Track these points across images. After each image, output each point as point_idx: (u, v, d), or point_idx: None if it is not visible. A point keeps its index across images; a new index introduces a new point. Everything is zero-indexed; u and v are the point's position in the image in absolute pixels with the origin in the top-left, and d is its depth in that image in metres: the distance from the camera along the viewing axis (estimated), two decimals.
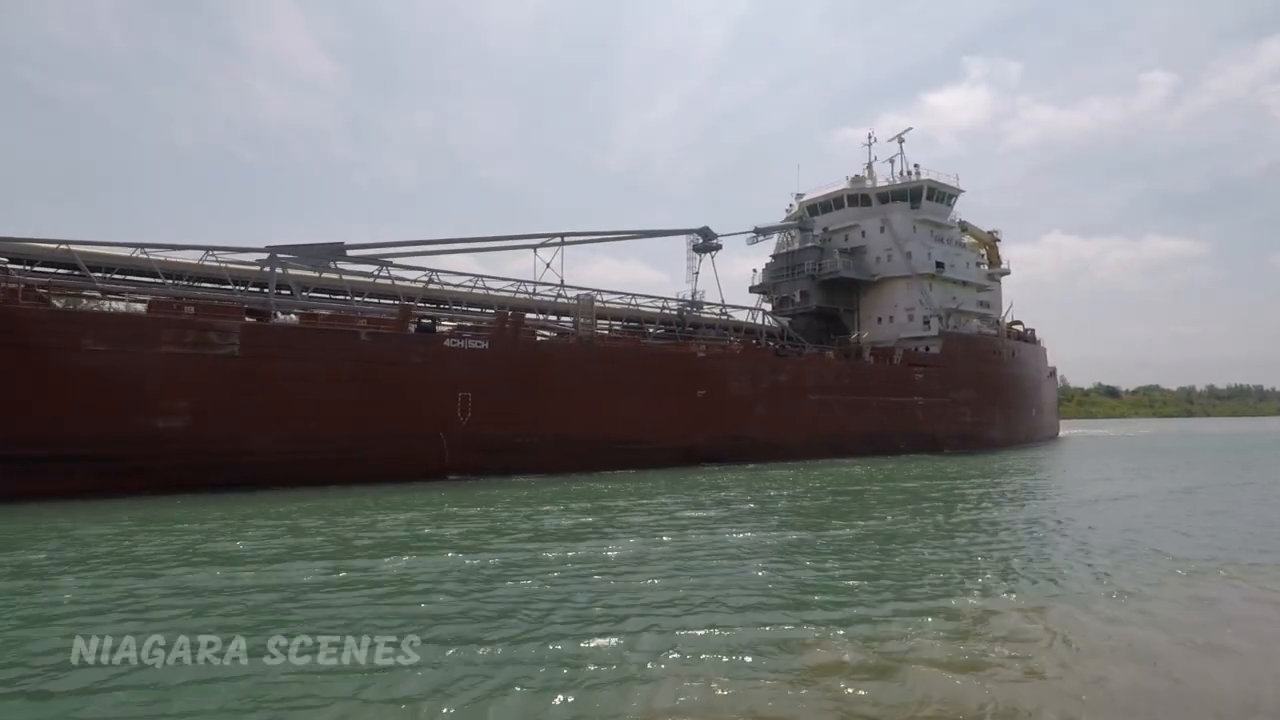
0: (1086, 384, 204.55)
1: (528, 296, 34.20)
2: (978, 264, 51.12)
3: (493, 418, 26.04)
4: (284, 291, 27.90)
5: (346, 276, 30.10)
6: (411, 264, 31.27)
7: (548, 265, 33.98)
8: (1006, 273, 55.09)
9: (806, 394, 36.88)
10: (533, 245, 34.33)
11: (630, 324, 39.19)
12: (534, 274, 34.02)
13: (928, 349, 44.13)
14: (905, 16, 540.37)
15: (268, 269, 27.14)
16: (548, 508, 17.83)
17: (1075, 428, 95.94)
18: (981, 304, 49.77)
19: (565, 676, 6.64)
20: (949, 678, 6.63)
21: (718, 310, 42.78)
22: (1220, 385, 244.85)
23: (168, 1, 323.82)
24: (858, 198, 48.13)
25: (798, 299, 46.81)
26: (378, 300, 31.49)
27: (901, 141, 49.94)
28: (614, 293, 38.52)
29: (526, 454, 26.34)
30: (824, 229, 48.50)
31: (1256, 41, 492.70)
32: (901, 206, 46.86)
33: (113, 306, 25.41)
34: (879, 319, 47.02)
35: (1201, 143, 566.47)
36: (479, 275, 34.27)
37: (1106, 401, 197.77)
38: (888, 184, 48.26)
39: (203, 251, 27.54)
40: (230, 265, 28.06)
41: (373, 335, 24.68)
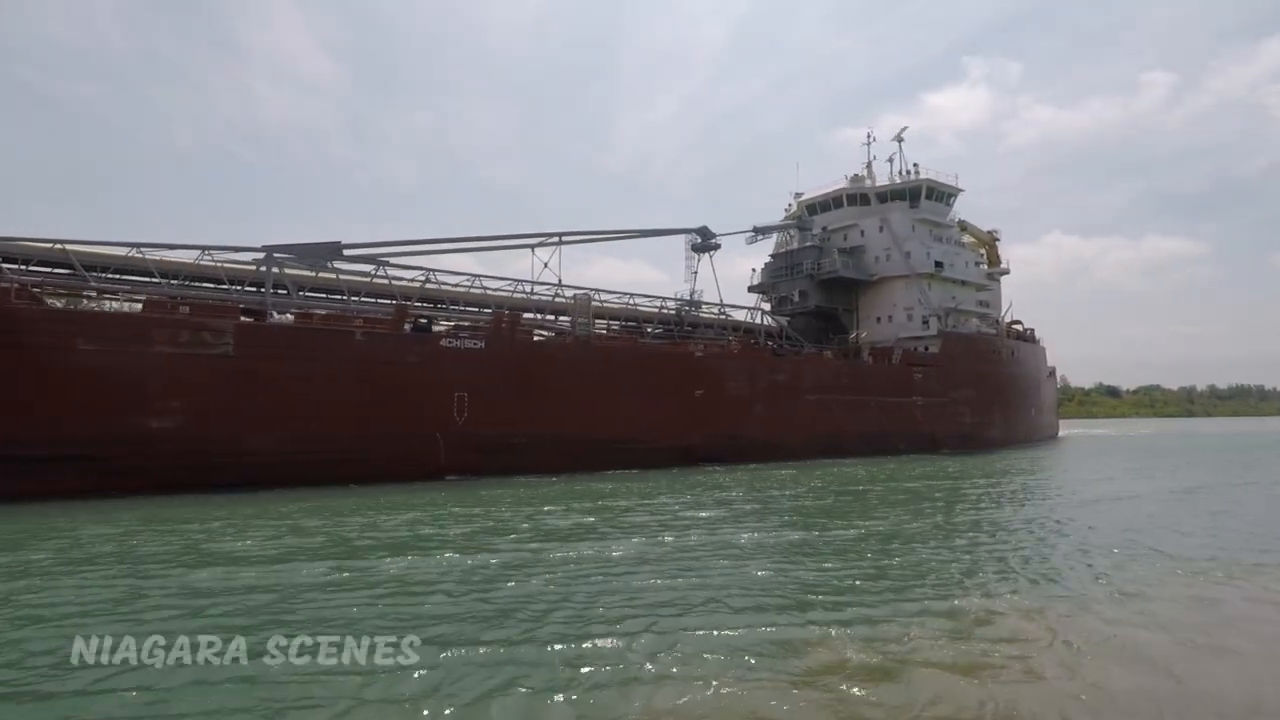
0: (1087, 384, 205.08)
1: (525, 296, 34.06)
2: (977, 263, 51.00)
3: (489, 418, 25.92)
4: (280, 291, 27.77)
5: (343, 276, 29.97)
6: (409, 264, 31.21)
7: (545, 265, 33.91)
8: (1006, 272, 55.05)
9: (804, 394, 36.76)
10: (530, 245, 34.21)
11: (628, 324, 39.06)
12: (533, 274, 34.00)
13: (926, 349, 44.02)
14: (906, 16, 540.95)
15: (264, 268, 27.05)
16: (549, 508, 17.72)
17: (1076, 427, 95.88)
18: (981, 303, 49.66)
19: (566, 677, 6.62)
20: (950, 679, 6.60)
21: (716, 310, 42.67)
22: (1221, 385, 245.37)
23: (168, 1, 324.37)
24: (856, 197, 48.02)
25: (796, 298, 46.72)
26: (375, 300, 31.38)
27: (900, 141, 49.87)
28: (612, 292, 38.41)
29: (523, 454, 26.23)
30: (823, 228, 48.39)
31: (1256, 41, 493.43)
32: (900, 206, 46.75)
33: (119, 307, 25.28)
34: (878, 318, 46.90)
35: (1201, 143, 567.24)
36: (476, 275, 34.15)
37: (1107, 401, 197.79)
38: (887, 183, 48.14)
39: (199, 251, 27.47)
40: (226, 265, 27.97)
41: (368, 335, 24.57)
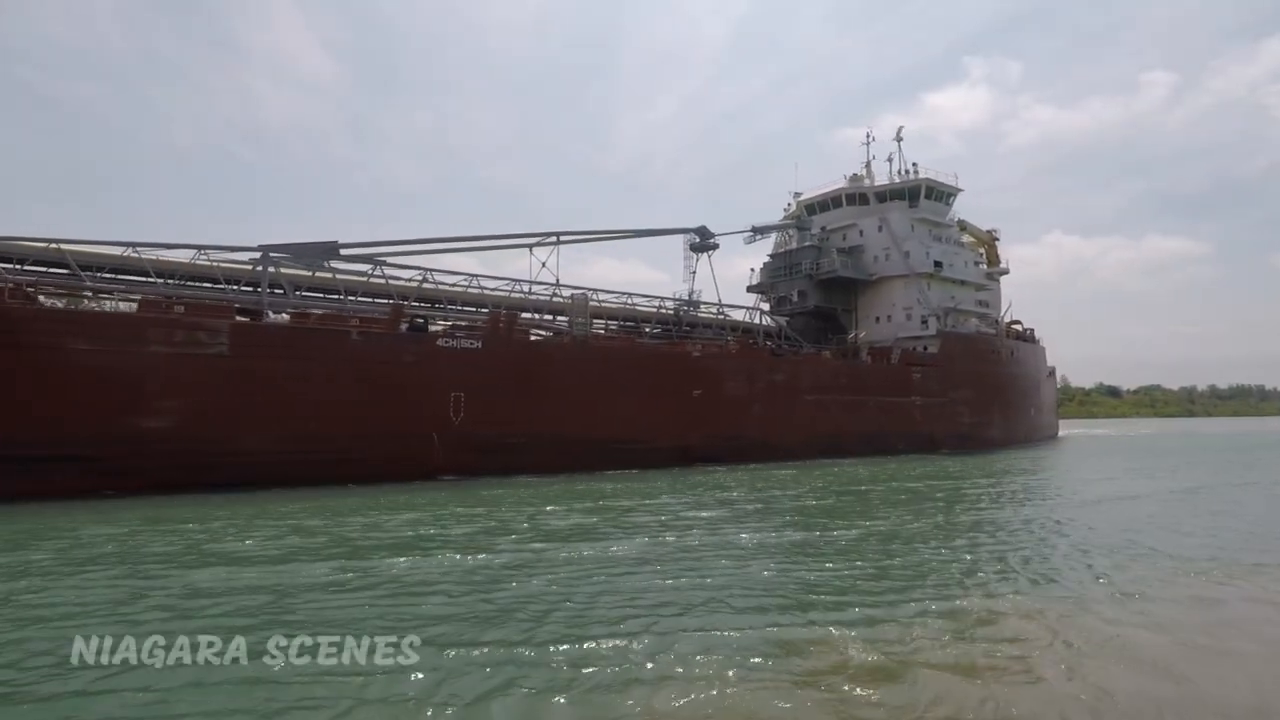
0: (1088, 384, 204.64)
1: (523, 296, 33.97)
2: (976, 263, 50.89)
3: (486, 418, 25.83)
4: (277, 291, 27.69)
5: (340, 276, 29.89)
6: (406, 263, 31.12)
7: (543, 264, 33.82)
8: (1005, 272, 54.91)
9: (803, 394, 36.66)
10: (528, 244, 34.11)
11: (627, 323, 38.96)
12: (531, 274, 33.90)
13: (926, 348, 43.90)
14: (906, 16, 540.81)
15: (260, 268, 26.97)
16: (550, 507, 17.67)
17: (1076, 427, 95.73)
18: (980, 303, 49.54)
19: (566, 677, 6.59)
20: (952, 679, 6.58)
21: (715, 310, 42.58)
22: (1222, 385, 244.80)
23: (168, 1, 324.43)
24: (855, 197, 47.91)
25: (795, 298, 46.63)
26: (372, 300, 31.29)
27: (900, 140, 49.73)
28: (610, 292, 38.32)
29: (520, 454, 26.13)
30: (822, 228, 48.29)
31: (1257, 41, 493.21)
32: (900, 205, 46.62)
33: (117, 306, 25.21)
34: (877, 318, 46.80)
35: (1202, 143, 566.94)
36: (474, 275, 34.01)
37: (1108, 401, 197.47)
38: (886, 183, 47.97)
39: (195, 250, 27.39)
40: (223, 264, 27.86)
41: (364, 335, 24.47)
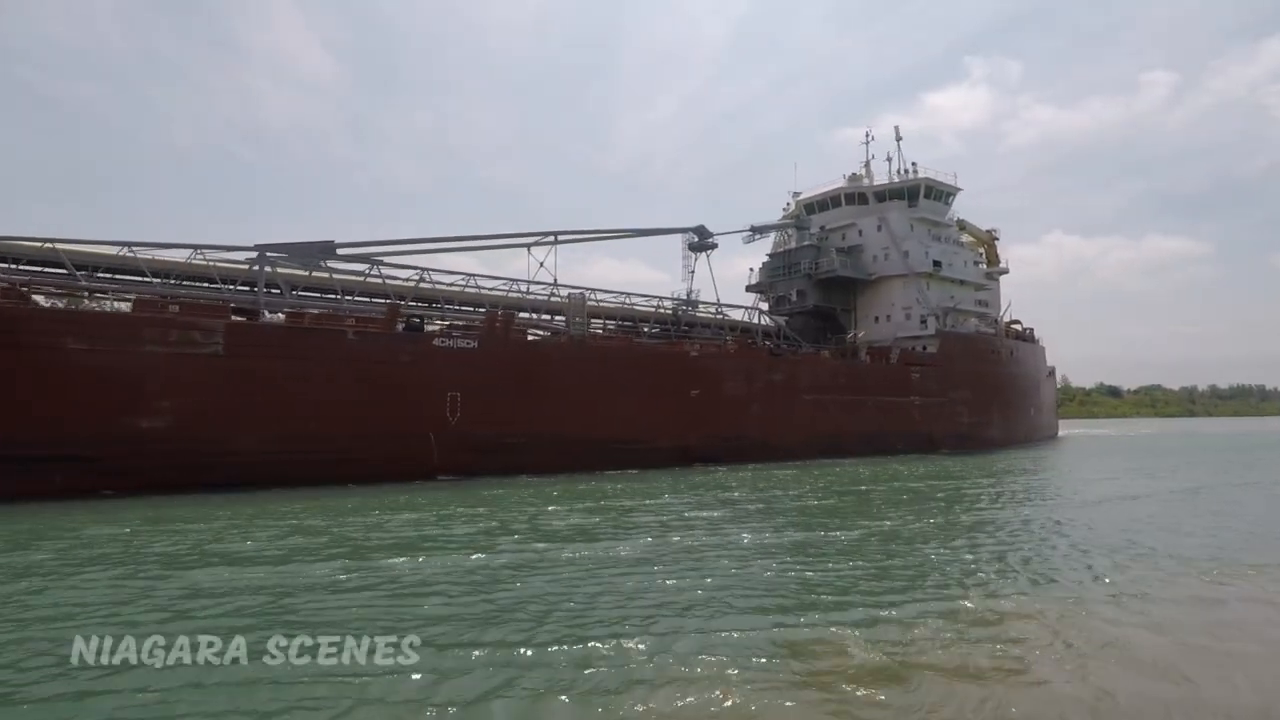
0: (1088, 384, 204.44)
1: (520, 295, 33.91)
2: (976, 263, 50.77)
3: (482, 417, 25.76)
4: (274, 290, 27.65)
5: (337, 275, 29.84)
6: (403, 263, 31.05)
7: (541, 264, 33.76)
8: (1005, 271, 54.81)
9: (802, 394, 36.58)
10: (526, 244, 34.08)
11: (625, 323, 38.90)
12: (529, 274, 33.82)
13: (925, 348, 43.80)
14: (906, 16, 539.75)
15: (256, 267, 26.91)
16: (552, 507, 17.67)
17: (1077, 427, 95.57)
18: (979, 303, 49.45)
19: (567, 677, 6.58)
20: (954, 681, 6.51)
21: (713, 310, 42.50)
22: (1222, 385, 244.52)
23: (168, 1, 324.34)
24: (855, 196, 47.81)
25: (794, 298, 46.55)
26: (369, 299, 31.23)
27: (899, 139, 49.63)
28: (608, 291, 38.26)
29: (517, 454, 26.06)
30: (821, 228, 48.21)
31: (1257, 41, 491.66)
32: (899, 205, 46.51)
33: (115, 306, 25.16)
34: (876, 318, 46.71)
35: (1202, 143, 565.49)
36: (471, 274, 33.95)
37: (1108, 401, 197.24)
38: (885, 182, 47.86)
39: (191, 250, 27.33)
40: (219, 264, 27.81)
41: (360, 334, 24.41)
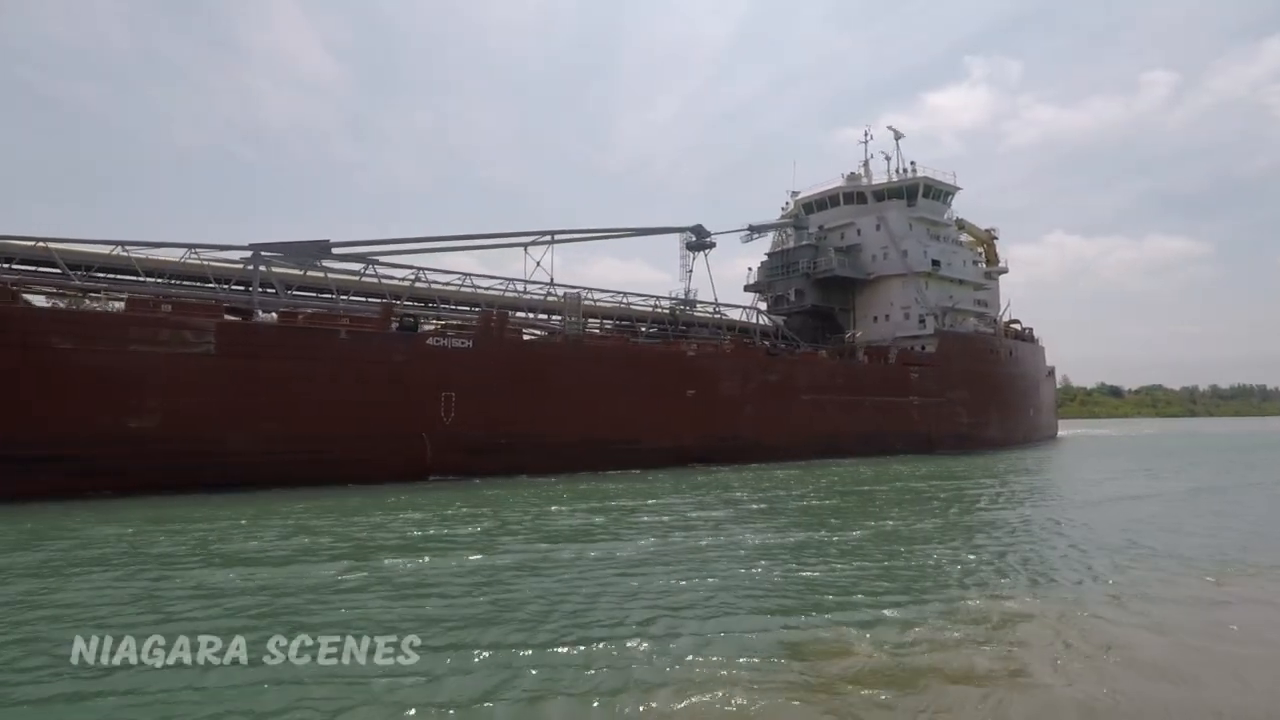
0: (1089, 384, 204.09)
1: (517, 295, 33.78)
2: (975, 262, 50.57)
3: (477, 418, 25.64)
4: (269, 290, 27.54)
5: (332, 275, 29.74)
6: (399, 262, 30.93)
7: (538, 264, 33.64)
8: (1004, 271, 54.56)
9: (799, 394, 36.43)
10: (523, 244, 33.94)
11: (622, 323, 38.77)
12: (525, 273, 33.68)
13: (923, 348, 43.61)
14: (907, 16, 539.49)
15: (251, 267, 26.81)
16: (555, 507, 17.61)
17: (1077, 427, 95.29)
18: (979, 303, 49.26)
19: (567, 678, 6.55)
20: (957, 684, 6.47)
21: (711, 309, 42.36)
22: (1223, 385, 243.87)
23: (168, 1, 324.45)
24: (853, 195, 47.59)
25: (793, 298, 46.40)
26: (365, 299, 31.13)
27: (897, 138, 49.32)
28: (605, 291, 38.14)
29: (511, 455, 25.95)
30: (819, 227, 48.08)
31: (1258, 41, 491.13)
32: (897, 204, 46.32)
33: (110, 306, 25.04)
34: (874, 318, 46.54)
35: (1203, 142, 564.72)
36: (467, 274, 33.82)
37: (1109, 401, 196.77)
38: (884, 181, 47.55)
39: (185, 250, 27.24)
40: (214, 263, 27.73)
41: (353, 334, 24.28)
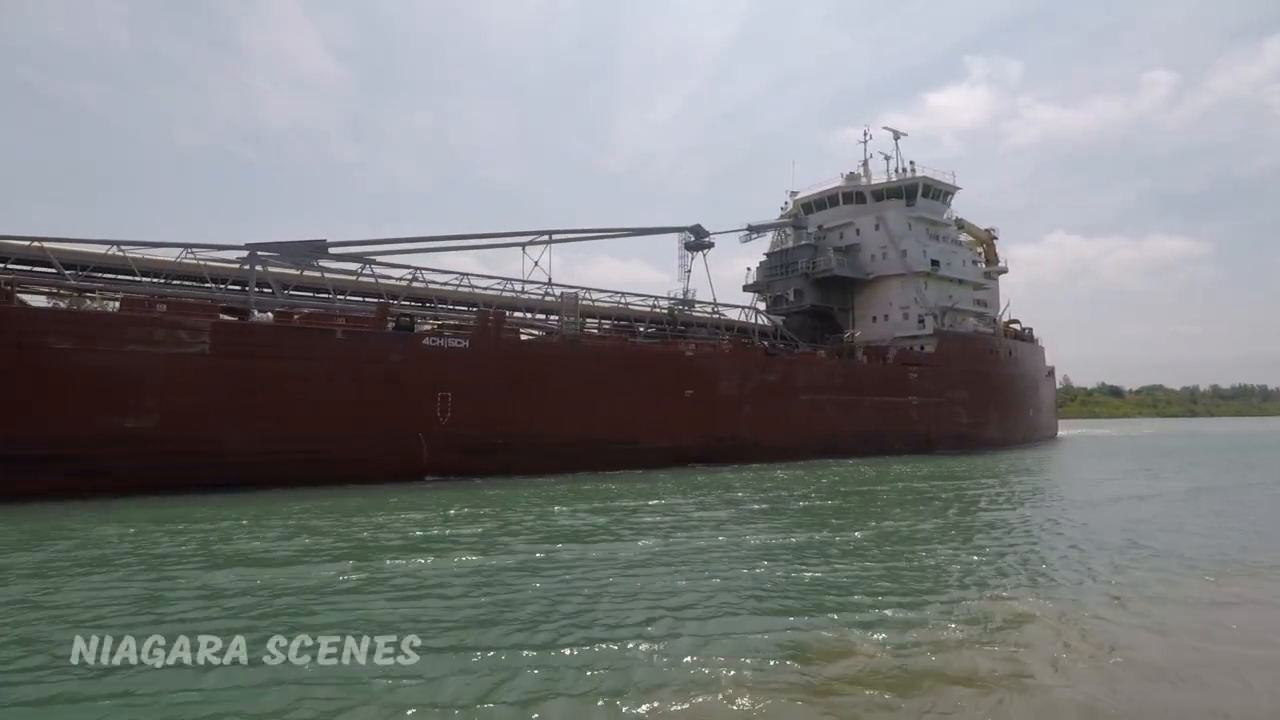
0: (1090, 384, 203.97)
1: (515, 295, 33.71)
2: (974, 262, 50.45)
3: (474, 418, 25.54)
4: (265, 290, 27.46)
5: (329, 275, 29.65)
6: (396, 262, 30.85)
7: (535, 264, 33.57)
8: (1004, 271, 54.44)
9: (798, 394, 36.32)
10: (520, 244, 33.87)
11: (621, 323, 38.68)
12: (523, 273, 33.61)
13: (922, 348, 43.51)
14: (907, 16, 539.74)
15: (248, 266, 26.73)
16: (556, 508, 17.56)
17: (1078, 428, 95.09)
18: (978, 302, 49.15)
19: (568, 679, 6.55)
20: (959, 685, 6.46)
21: (710, 309, 42.25)
22: (1224, 385, 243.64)
23: (168, 1, 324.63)
24: (852, 195, 47.49)
25: (792, 298, 46.32)
26: (362, 299, 31.04)
27: (896, 138, 49.21)
28: (603, 291, 38.05)
29: (508, 455, 25.86)
30: (818, 227, 47.99)
31: (1259, 41, 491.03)
32: (897, 204, 46.20)
33: (108, 306, 24.95)
34: (874, 318, 46.44)
35: (1203, 142, 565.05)
36: (464, 274, 33.77)
37: (1110, 401, 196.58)
38: (883, 181, 47.43)
39: (181, 249, 27.15)
40: (210, 263, 27.64)
41: (349, 334, 24.19)
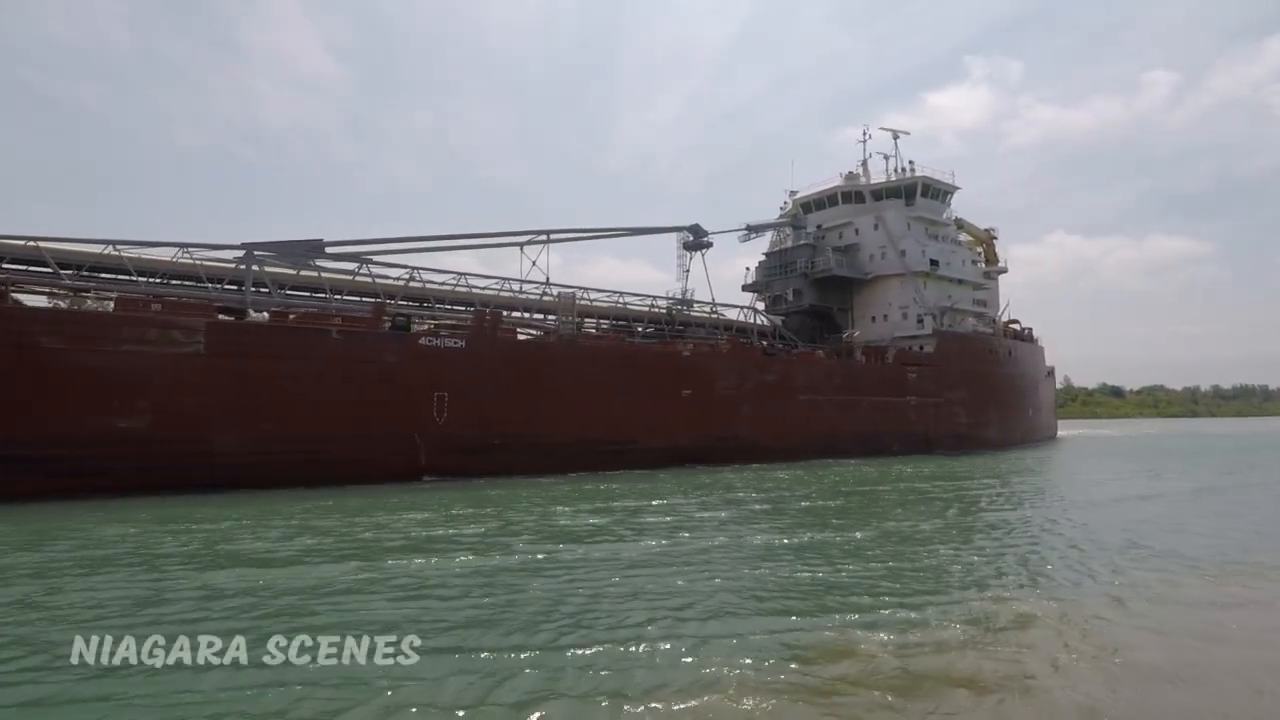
0: (1091, 384, 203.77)
1: (512, 295, 33.62)
2: (974, 262, 50.33)
3: (470, 418, 25.47)
4: (262, 289, 27.38)
5: (325, 274, 29.54)
6: (394, 262, 30.75)
7: (533, 263, 33.48)
8: (1004, 270, 54.32)
9: (796, 394, 36.23)
10: (518, 243, 33.75)
11: (619, 323, 38.59)
12: (521, 273, 33.52)
13: (922, 348, 43.41)
14: (908, 16, 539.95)
15: (244, 266, 26.65)
16: (558, 508, 17.54)
17: (1078, 428, 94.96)
18: (977, 302, 49.02)
19: (568, 679, 6.55)
20: (960, 686, 6.45)
21: (708, 309, 42.15)
22: (1225, 385, 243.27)
23: (168, 1, 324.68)
24: (851, 195, 47.38)
25: (791, 297, 46.23)
26: (359, 299, 30.95)
27: (896, 137, 49.11)
28: (602, 291, 37.94)
29: (506, 455, 25.78)
30: (817, 226, 47.89)
31: (1259, 40, 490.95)
32: (896, 204, 46.08)
33: (105, 306, 24.89)
34: (873, 318, 46.34)
35: (1203, 142, 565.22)
36: (462, 273, 33.66)
37: (1111, 401, 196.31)
38: (882, 181, 47.31)
39: (177, 249, 27.08)
40: (206, 263, 27.56)
41: (345, 334, 24.12)
